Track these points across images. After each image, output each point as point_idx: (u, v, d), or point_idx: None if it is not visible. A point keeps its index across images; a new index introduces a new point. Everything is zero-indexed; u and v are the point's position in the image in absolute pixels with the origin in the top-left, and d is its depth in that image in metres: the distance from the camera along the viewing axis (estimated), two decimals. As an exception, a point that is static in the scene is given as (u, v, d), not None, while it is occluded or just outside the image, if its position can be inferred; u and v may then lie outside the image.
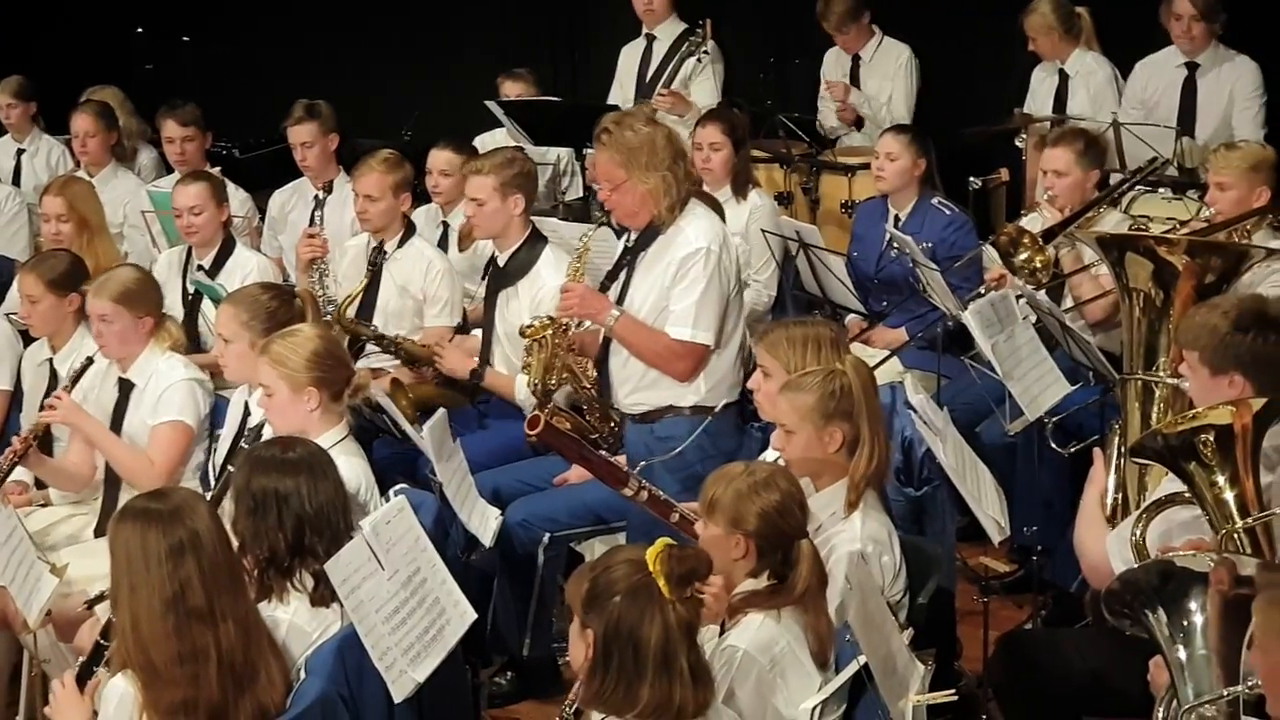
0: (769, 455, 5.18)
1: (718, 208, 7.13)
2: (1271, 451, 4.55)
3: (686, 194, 6.04)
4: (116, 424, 6.27)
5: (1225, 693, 3.70)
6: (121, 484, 6.17)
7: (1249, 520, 4.27)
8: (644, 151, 5.91)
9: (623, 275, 6.14)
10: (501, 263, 6.93)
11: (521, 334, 6.34)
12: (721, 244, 6.01)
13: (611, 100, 9.58)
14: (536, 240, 6.92)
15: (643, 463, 5.63)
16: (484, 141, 9.34)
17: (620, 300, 6.09)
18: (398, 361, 7.17)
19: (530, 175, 7.03)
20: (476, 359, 6.94)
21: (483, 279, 7.18)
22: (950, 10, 10.15)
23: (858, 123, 9.88)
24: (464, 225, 7.59)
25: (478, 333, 7.19)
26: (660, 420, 6.07)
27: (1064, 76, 9.20)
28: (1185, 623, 3.83)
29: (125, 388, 6.28)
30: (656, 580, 3.86)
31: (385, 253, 7.39)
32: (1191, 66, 8.69)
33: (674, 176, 5.95)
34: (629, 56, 9.79)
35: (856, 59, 9.90)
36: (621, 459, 5.95)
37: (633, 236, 6.17)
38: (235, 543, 4.45)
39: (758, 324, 7.54)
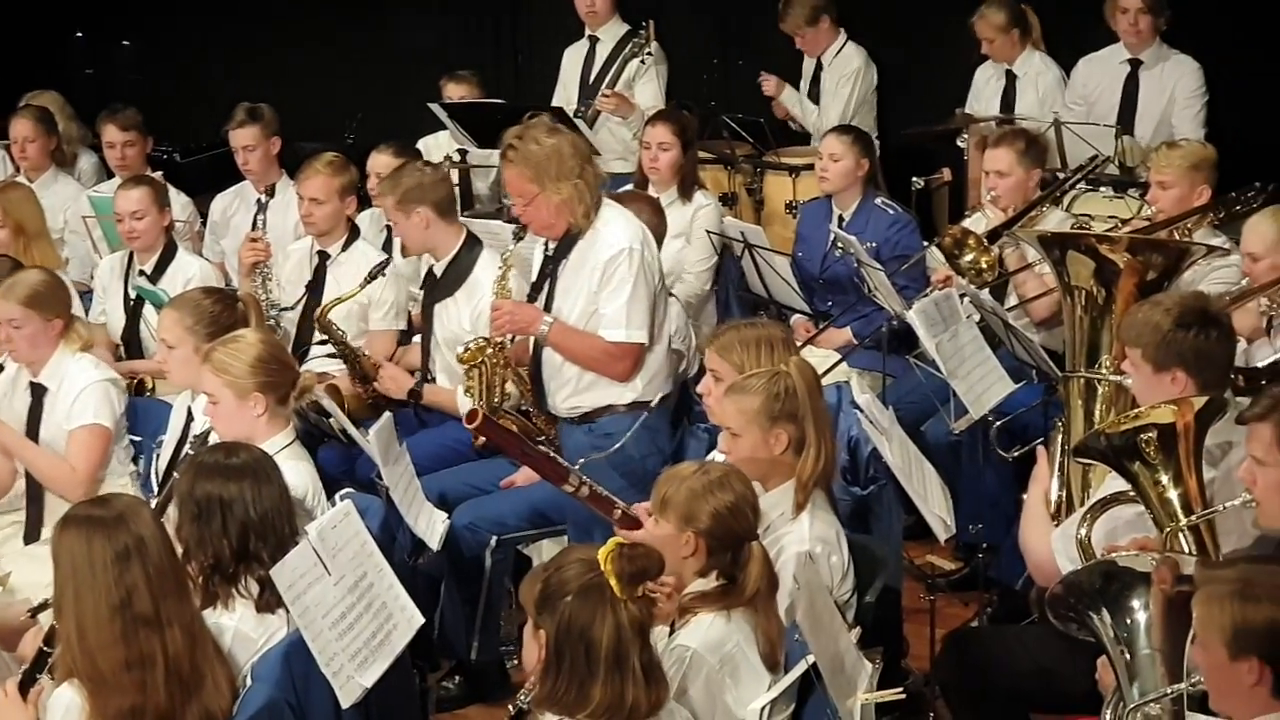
0: (716, 458, 5.18)
1: (659, 210, 7.13)
2: (1214, 448, 4.59)
3: (599, 197, 6.05)
4: (33, 429, 6.21)
5: (1170, 690, 3.72)
6: (45, 492, 6.12)
7: (1193, 518, 4.30)
8: (553, 162, 5.92)
9: (546, 286, 6.14)
10: (438, 273, 6.89)
11: (459, 360, 6.32)
12: (642, 241, 6.03)
13: (556, 102, 9.55)
14: (472, 245, 6.87)
15: (582, 459, 5.63)
16: (427, 144, 9.32)
17: (545, 311, 6.09)
18: (342, 367, 7.11)
19: (427, 185, 6.84)
20: (415, 376, 6.91)
21: (421, 289, 7.13)
22: (892, 10, 10.17)
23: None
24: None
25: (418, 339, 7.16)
26: (599, 420, 6.08)
27: (1011, 77, 9.23)
28: (1129, 622, 3.86)
29: (38, 392, 6.22)
30: (608, 579, 3.86)
31: (330, 256, 7.37)
32: (1135, 64, 8.73)
33: (585, 183, 5.96)
34: (572, 58, 9.77)
35: (820, 63, 9.88)
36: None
37: (551, 246, 6.17)
38: (180, 550, 4.43)
39: (697, 311, 7.60)
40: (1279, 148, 8.19)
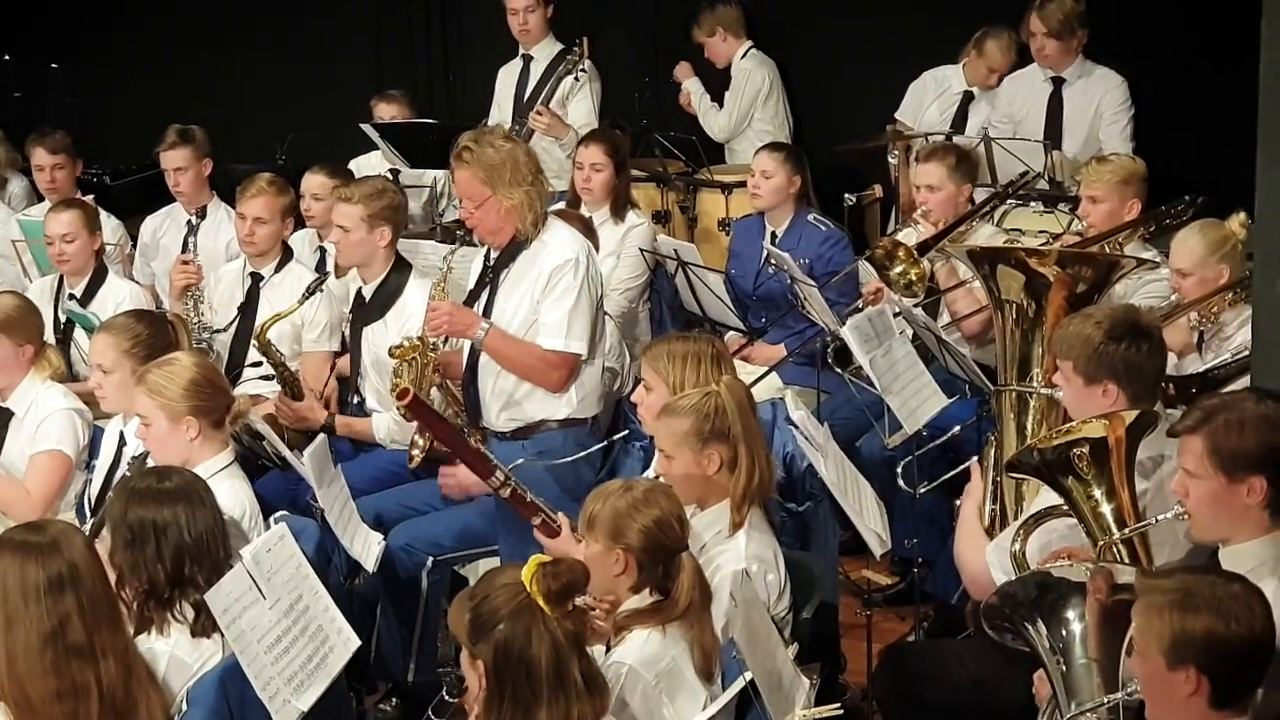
0: (651, 477, 5.19)
1: (590, 227, 7.14)
2: (1147, 461, 4.62)
3: (546, 211, 6.07)
4: (-7, 453, 6.16)
5: (1106, 700, 3.74)
6: (-6, 513, 6.08)
7: (1126, 531, 4.32)
8: (507, 168, 5.94)
9: (485, 293, 6.13)
10: (367, 295, 6.85)
11: (390, 354, 6.27)
12: (588, 255, 6.06)
13: (491, 121, 9.54)
14: (402, 269, 6.84)
15: (519, 460, 5.63)
16: (359, 165, 9.28)
17: (484, 317, 6.08)
18: (275, 389, 7.05)
19: (399, 208, 6.91)
20: (326, 408, 6.89)
21: (350, 312, 7.07)
22: (822, 24, 10.22)
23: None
24: (340, 251, 7.52)
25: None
26: (533, 436, 6.07)
27: (968, 96, 9.26)
28: (1064, 632, 3.88)
29: (4, 417, 6.19)
30: (536, 599, 3.87)
31: (263, 278, 7.34)
32: (1058, 81, 8.79)
33: (536, 192, 5.99)
34: (506, 77, 9.76)
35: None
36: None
37: (493, 254, 6.16)
38: (113, 576, 4.40)
39: (629, 328, 7.61)
40: (1207, 160, 8.26)
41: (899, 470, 6.18)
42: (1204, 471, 4.14)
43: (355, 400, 6.89)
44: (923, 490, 6.15)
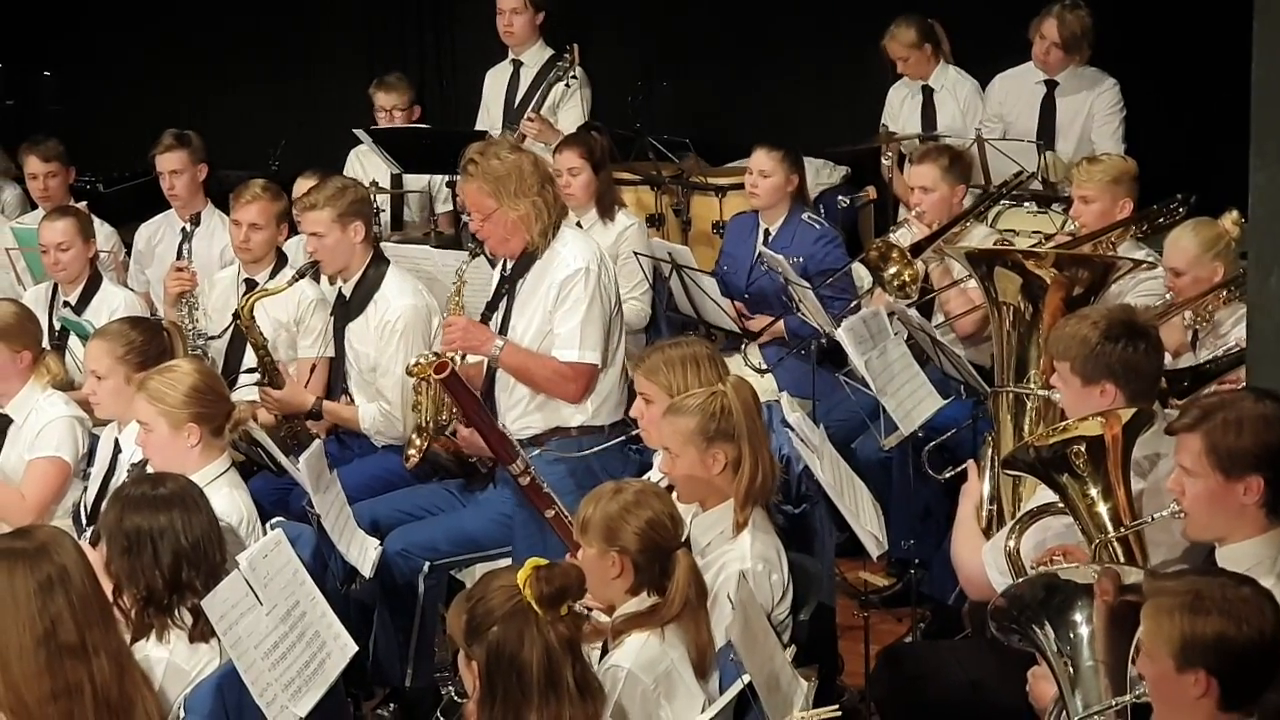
0: (654, 477, 5.18)
1: None
2: (1143, 460, 4.62)
3: (558, 218, 6.04)
4: (-9, 459, 6.15)
5: (1114, 703, 3.73)
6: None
7: (1122, 530, 4.32)
8: (512, 179, 5.91)
9: (503, 304, 6.12)
10: (347, 294, 6.83)
11: (408, 373, 6.20)
12: (600, 263, 6.02)
13: (479, 126, 9.53)
14: (379, 263, 6.83)
15: (536, 451, 5.61)
16: (360, 154, 9.30)
17: (502, 330, 6.07)
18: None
19: (365, 200, 6.92)
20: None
21: (331, 314, 7.04)
22: (813, 29, 10.23)
23: None
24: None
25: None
26: (548, 443, 6.04)
27: (928, 92, 9.26)
28: (1072, 635, 3.86)
29: (2, 423, 6.19)
30: (529, 602, 3.86)
31: (258, 284, 7.33)
32: (1050, 84, 8.79)
33: (544, 201, 5.96)
34: (495, 81, 9.74)
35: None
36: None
37: (509, 265, 6.15)
38: (110, 584, 4.40)
39: (633, 344, 7.57)
40: (1199, 158, 8.27)
41: (925, 455, 6.15)
42: (1201, 470, 4.14)
43: (344, 400, 6.88)
44: (948, 475, 6.12)
